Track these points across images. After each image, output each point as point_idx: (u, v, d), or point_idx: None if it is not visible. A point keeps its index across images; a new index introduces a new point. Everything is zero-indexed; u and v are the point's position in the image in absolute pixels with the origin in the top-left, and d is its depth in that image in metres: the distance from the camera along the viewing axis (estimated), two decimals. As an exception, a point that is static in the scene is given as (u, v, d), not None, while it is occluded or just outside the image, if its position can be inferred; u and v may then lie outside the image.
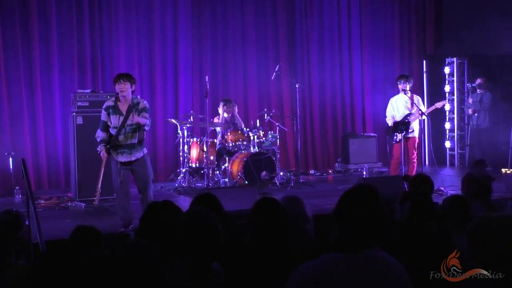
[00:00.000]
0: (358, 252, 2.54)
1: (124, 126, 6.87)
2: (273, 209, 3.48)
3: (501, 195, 6.91)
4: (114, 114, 6.91)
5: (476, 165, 6.97)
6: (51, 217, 7.56)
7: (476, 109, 11.87)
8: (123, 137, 6.88)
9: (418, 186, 4.93)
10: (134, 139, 6.92)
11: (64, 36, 10.27)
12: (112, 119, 6.92)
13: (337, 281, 2.49)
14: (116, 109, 6.92)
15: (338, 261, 2.54)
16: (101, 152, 6.94)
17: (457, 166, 12.66)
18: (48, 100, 10.18)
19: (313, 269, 2.55)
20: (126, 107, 6.90)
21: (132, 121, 6.84)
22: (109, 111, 6.94)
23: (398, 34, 13.19)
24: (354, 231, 2.55)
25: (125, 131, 6.88)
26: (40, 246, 5.03)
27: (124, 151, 6.92)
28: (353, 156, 11.66)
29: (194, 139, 9.93)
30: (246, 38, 11.84)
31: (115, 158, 6.96)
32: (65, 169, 10.06)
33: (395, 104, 9.86)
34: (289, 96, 12.10)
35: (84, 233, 3.77)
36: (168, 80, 11.22)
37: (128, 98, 6.95)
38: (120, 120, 6.87)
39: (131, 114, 6.84)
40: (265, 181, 9.46)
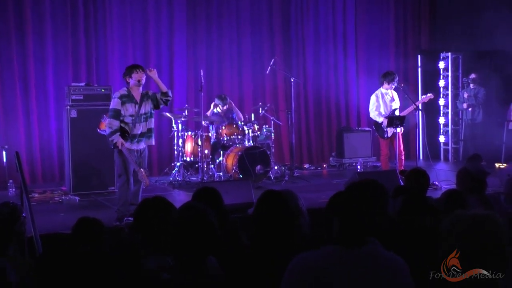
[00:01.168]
0: (358, 246, 2.55)
1: (139, 114, 7.04)
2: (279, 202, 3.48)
3: (495, 190, 6.92)
4: (130, 103, 7.02)
5: (471, 159, 6.97)
6: (45, 211, 7.54)
7: (471, 104, 11.88)
8: (138, 125, 7.04)
9: (414, 180, 4.93)
10: (147, 126, 7.14)
11: (58, 29, 10.22)
12: (128, 107, 7.02)
13: (335, 273, 2.50)
14: (131, 98, 7.04)
15: (338, 254, 2.55)
16: (119, 140, 6.92)
17: (451, 161, 12.69)
18: (42, 93, 10.15)
19: (312, 260, 2.55)
20: (139, 96, 7.08)
21: (145, 110, 7.07)
22: (124, 100, 7.00)
23: (393, 28, 13.19)
24: (355, 225, 2.55)
25: (139, 119, 7.05)
26: (35, 240, 5.01)
27: (140, 139, 7.08)
28: (348, 150, 11.67)
29: (188, 133, 9.91)
30: (241, 32, 11.81)
31: (129, 147, 6.99)
32: (59, 162, 10.04)
33: (381, 99, 9.61)
34: (284, 90, 12.09)
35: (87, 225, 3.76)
36: (162, 73, 11.16)
37: (141, 88, 7.12)
38: (136, 109, 7.03)
39: (144, 103, 7.07)
40: (259, 175, 9.46)
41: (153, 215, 3.49)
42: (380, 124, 9.51)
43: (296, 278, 2.54)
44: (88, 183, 8.81)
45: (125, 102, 6.99)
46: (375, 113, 9.59)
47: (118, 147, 6.95)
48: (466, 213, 2.26)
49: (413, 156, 10.13)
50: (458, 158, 12.66)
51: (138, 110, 7.02)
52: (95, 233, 3.70)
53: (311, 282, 2.50)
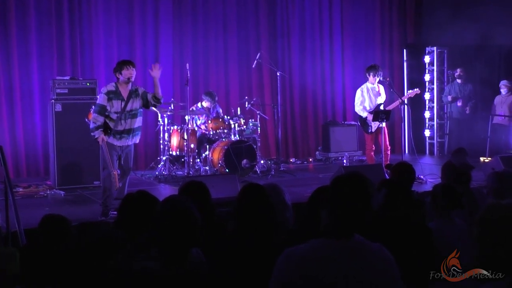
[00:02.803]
0: (347, 239, 2.56)
1: (125, 111, 6.97)
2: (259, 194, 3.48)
3: (480, 184, 6.97)
4: (116, 99, 6.96)
5: (456, 153, 7.01)
6: (30, 206, 7.48)
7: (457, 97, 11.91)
8: (123, 122, 6.98)
9: (400, 174, 4.95)
10: (133, 125, 7.06)
11: (42, 22, 10.14)
12: (114, 103, 6.96)
13: (325, 266, 2.50)
14: (118, 94, 6.98)
15: (327, 247, 2.55)
16: (100, 136, 6.91)
17: (436, 155, 12.75)
18: (26, 87, 10.06)
19: (302, 253, 2.56)
20: (127, 93, 6.99)
21: (132, 107, 7.00)
22: (111, 96, 6.95)
23: (379, 23, 13.22)
24: (343, 218, 2.56)
25: (125, 116, 6.98)
26: (19, 234, 4.99)
27: (123, 136, 7.01)
28: (334, 144, 11.69)
29: (174, 127, 9.89)
30: (227, 25, 11.78)
31: (111, 142, 6.96)
32: (44, 156, 9.97)
33: (366, 94, 9.59)
34: (270, 84, 12.09)
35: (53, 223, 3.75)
36: (148, 66, 11.08)
37: (130, 84, 7.04)
38: (122, 105, 6.96)
39: (131, 100, 6.99)
40: (245, 169, 9.46)
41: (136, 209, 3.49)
42: (365, 118, 9.52)
43: (286, 273, 2.54)
44: (73, 177, 8.76)
45: (112, 98, 6.94)
46: (359, 107, 9.59)
47: (99, 143, 6.95)
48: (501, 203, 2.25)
49: (399, 150, 10.15)
50: (443, 152, 12.73)
51: (125, 107, 6.96)
52: (60, 231, 3.70)
53: (301, 276, 2.50)
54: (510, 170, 5.16)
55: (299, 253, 2.57)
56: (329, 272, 2.50)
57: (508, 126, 11.50)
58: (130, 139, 7.07)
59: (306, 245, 2.58)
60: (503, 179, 4.95)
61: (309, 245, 2.58)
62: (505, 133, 11.51)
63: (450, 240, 3.77)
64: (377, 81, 9.50)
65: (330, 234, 2.58)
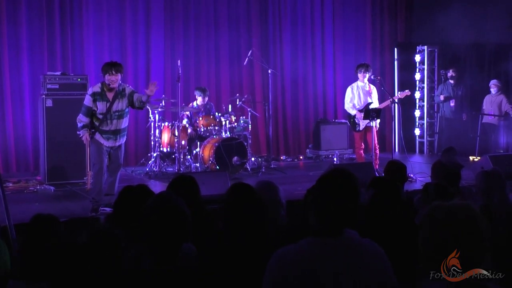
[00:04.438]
0: (337, 236, 2.57)
1: (110, 112, 6.94)
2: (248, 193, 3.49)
3: (469, 183, 7.01)
4: (100, 101, 6.94)
5: (445, 152, 7.05)
6: (20, 201, 7.48)
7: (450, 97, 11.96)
8: (109, 122, 6.95)
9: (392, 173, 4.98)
10: (119, 125, 7.03)
11: (33, 18, 10.10)
12: (98, 105, 6.95)
13: (316, 265, 2.51)
14: (103, 96, 6.95)
15: (317, 245, 2.56)
16: (84, 136, 6.95)
17: (426, 154, 12.82)
18: (16, 82, 10.03)
19: (292, 253, 2.56)
20: (113, 94, 6.96)
21: (117, 108, 6.96)
22: (96, 97, 6.94)
23: (370, 21, 13.25)
24: (332, 215, 2.57)
25: (111, 117, 6.95)
26: (9, 229, 4.97)
27: (110, 137, 7.00)
28: (324, 142, 11.72)
29: (165, 123, 9.88)
30: (218, 22, 11.77)
31: (98, 140, 6.96)
32: (34, 152, 9.94)
33: (356, 92, 9.58)
34: (261, 82, 12.10)
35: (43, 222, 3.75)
36: (139, 63, 11.12)
37: (115, 88, 6.98)
38: (107, 107, 6.93)
39: (117, 101, 6.94)
40: (236, 166, 9.47)
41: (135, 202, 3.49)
42: (353, 116, 9.53)
43: (278, 274, 2.54)
44: (63, 173, 8.74)
45: (96, 100, 6.94)
46: (349, 105, 9.59)
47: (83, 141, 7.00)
48: (443, 204, 2.28)
49: (389, 148, 10.16)
50: (433, 151, 12.80)
51: (110, 108, 6.93)
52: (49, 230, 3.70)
53: (293, 276, 2.50)
54: (498, 169, 5.18)
55: (289, 254, 2.56)
56: (321, 271, 2.50)
57: (498, 126, 11.57)
58: (117, 141, 7.06)
59: (296, 246, 2.58)
60: (491, 178, 4.99)
61: (298, 246, 2.58)
62: (494, 132, 11.58)
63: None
64: (366, 78, 9.51)
65: (319, 233, 2.59)
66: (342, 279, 2.51)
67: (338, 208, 2.56)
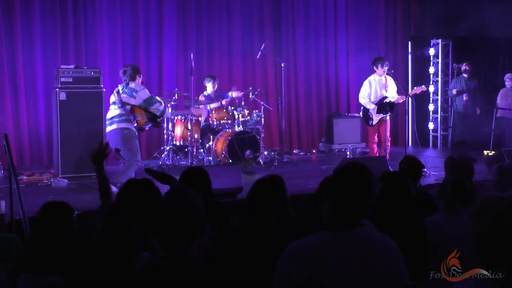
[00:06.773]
0: (350, 230, 2.56)
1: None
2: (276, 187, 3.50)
3: (483, 177, 6.95)
4: None
5: (456, 146, 6.96)
6: (34, 193, 7.49)
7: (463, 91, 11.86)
8: None
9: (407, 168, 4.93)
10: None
11: (47, 11, 10.12)
12: None
13: (329, 258, 2.50)
14: None
15: (330, 239, 2.55)
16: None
17: (440, 148, 12.75)
18: (30, 76, 10.07)
19: (305, 247, 2.55)
20: None
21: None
22: None
23: (383, 14, 13.17)
24: (346, 209, 2.55)
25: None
26: (23, 221, 5.00)
27: None
28: (337, 136, 11.67)
29: (178, 117, 9.88)
30: (231, 16, 11.75)
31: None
32: (48, 145, 10.00)
33: (373, 86, 9.60)
34: (274, 75, 12.07)
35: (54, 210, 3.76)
36: (152, 57, 11.13)
37: None
38: None
39: None
40: (249, 160, 9.46)
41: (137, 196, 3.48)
42: (367, 110, 9.50)
43: (290, 266, 2.53)
44: (77, 166, 8.75)
45: None
46: (366, 100, 9.57)
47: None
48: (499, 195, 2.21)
49: (402, 142, 10.10)
50: (447, 145, 12.71)
51: None
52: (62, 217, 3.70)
53: (305, 269, 2.50)
54: (513, 164, 5.13)
55: (301, 247, 2.56)
56: (333, 264, 2.50)
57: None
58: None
59: (310, 239, 2.57)
60: (505, 173, 4.94)
61: (311, 239, 2.57)
62: (509, 126, 11.48)
63: (454, 234, 3.76)
64: (385, 72, 9.50)
65: (333, 226, 2.58)
66: (354, 273, 2.50)
67: (352, 201, 2.55)
